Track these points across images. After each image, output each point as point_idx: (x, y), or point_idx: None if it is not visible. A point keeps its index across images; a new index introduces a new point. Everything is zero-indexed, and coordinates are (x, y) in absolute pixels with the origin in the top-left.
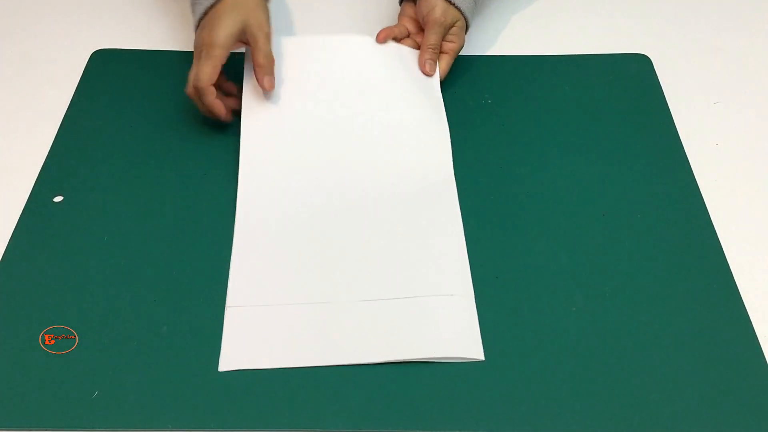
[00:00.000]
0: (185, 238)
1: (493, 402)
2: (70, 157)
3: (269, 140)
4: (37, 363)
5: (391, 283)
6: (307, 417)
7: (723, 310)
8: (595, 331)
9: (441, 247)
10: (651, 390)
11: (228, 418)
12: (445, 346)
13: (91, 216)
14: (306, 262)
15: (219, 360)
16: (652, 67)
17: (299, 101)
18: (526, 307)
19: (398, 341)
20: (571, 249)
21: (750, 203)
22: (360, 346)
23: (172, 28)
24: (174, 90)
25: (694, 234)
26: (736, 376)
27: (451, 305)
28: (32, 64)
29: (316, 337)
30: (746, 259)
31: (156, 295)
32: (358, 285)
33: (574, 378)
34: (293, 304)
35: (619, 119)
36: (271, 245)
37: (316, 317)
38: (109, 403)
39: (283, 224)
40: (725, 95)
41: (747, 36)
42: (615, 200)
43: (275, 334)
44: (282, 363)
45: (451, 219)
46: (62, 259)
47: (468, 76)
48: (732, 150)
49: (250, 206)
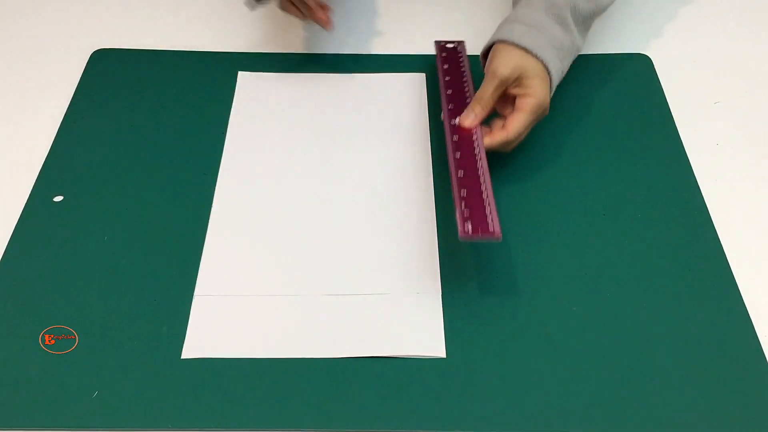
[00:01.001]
0: (185, 239)
1: (493, 402)
2: (70, 157)
3: (251, 138)
4: (37, 363)
5: (360, 279)
6: (309, 417)
7: (723, 310)
8: (595, 331)
9: (412, 245)
10: (651, 390)
11: (228, 418)
12: (408, 344)
13: (91, 216)
14: (277, 255)
15: (182, 348)
16: (653, 67)
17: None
18: (527, 306)
19: (363, 337)
20: (571, 249)
21: (750, 203)
22: (325, 340)
23: (172, 28)
24: (174, 90)
25: (694, 234)
26: (737, 376)
27: (418, 303)
28: (32, 64)
29: (281, 329)
30: (746, 259)
31: (156, 295)
32: (327, 279)
33: (574, 378)
34: (260, 296)
35: (619, 119)
36: (243, 237)
37: (282, 309)
38: (109, 403)
39: (257, 217)
40: (725, 95)
41: (747, 36)
42: (615, 200)
43: (241, 324)
44: (245, 353)
45: (424, 218)
46: (62, 259)
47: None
48: (732, 150)
49: (226, 199)
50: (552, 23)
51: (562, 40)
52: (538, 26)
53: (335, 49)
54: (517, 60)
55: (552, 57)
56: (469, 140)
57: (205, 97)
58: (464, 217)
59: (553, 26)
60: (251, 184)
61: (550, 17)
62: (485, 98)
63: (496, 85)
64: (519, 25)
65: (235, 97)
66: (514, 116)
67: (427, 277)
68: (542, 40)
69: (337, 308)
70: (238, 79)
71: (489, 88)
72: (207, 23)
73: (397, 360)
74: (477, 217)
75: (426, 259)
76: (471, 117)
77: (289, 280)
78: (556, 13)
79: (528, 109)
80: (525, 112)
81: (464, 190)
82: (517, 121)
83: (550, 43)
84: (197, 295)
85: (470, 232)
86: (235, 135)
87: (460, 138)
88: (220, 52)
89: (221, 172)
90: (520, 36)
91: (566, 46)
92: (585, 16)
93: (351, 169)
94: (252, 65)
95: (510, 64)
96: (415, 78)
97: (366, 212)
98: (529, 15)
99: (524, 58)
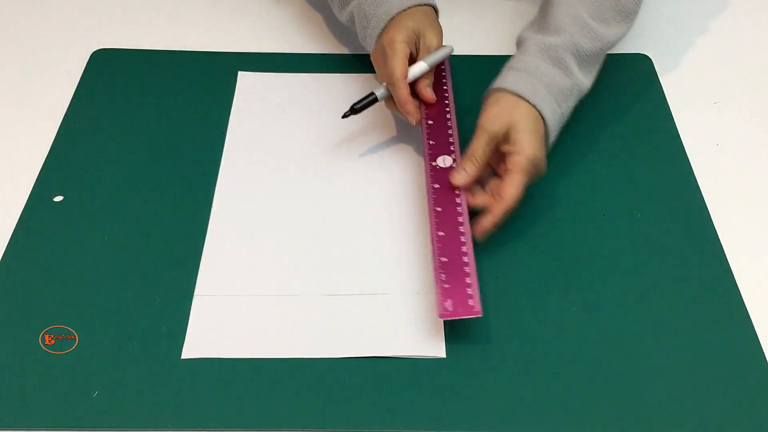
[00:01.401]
0: (185, 238)
1: (492, 402)
2: (70, 157)
3: (251, 138)
4: (37, 363)
5: (359, 279)
6: (309, 417)
7: (723, 310)
8: (594, 331)
9: (412, 245)
10: (651, 390)
11: (229, 418)
12: (408, 345)
13: (91, 216)
14: (277, 255)
15: (182, 348)
16: (653, 67)
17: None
18: (527, 306)
19: (363, 337)
20: (571, 249)
21: (750, 203)
22: (325, 340)
23: (172, 28)
24: (174, 90)
25: (694, 234)
26: (737, 376)
27: (418, 303)
28: (32, 64)
29: (281, 329)
30: (747, 259)
31: (156, 295)
32: (326, 279)
33: (574, 378)
34: (260, 296)
35: (619, 119)
36: (243, 237)
37: (282, 309)
38: (109, 403)
39: (257, 217)
40: (725, 95)
41: (747, 36)
42: (615, 200)
43: (241, 324)
44: (245, 353)
45: (424, 217)
46: (62, 259)
47: (468, 76)
48: (732, 150)
49: (226, 199)
50: (549, 67)
51: (561, 84)
52: (533, 71)
53: (335, 49)
54: (506, 113)
55: (547, 102)
56: (452, 192)
57: (205, 97)
58: (444, 291)
59: (550, 70)
60: (251, 184)
61: (547, 61)
62: (476, 155)
63: (486, 140)
64: (512, 71)
65: (235, 97)
66: (508, 180)
67: (427, 277)
68: (536, 84)
69: (337, 308)
70: (238, 79)
71: (479, 144)
72: (207, 23)
73: (397, 360)
74: (458, 293)
75: (426, 259)
76: (462, 175)
77: (289, 280)
78: (553, 56)
79: (518, 170)
80: (516, 173)
81: (444, 258)
82: (511, 185)
83: (545, 87)
84: (197, 295)
85: (450, 309)
86: (235, 135)
87: (442, 187)
88: (220, 52)
89: (221, 172)
90: (513, 82)
91: (566, 89)
92: (590, 55)
93: (351, 168)
94: (252, 65)
95: (498, 118)
96: None
97: (366, 212)
98: (524, 60)
99: (516, 107)
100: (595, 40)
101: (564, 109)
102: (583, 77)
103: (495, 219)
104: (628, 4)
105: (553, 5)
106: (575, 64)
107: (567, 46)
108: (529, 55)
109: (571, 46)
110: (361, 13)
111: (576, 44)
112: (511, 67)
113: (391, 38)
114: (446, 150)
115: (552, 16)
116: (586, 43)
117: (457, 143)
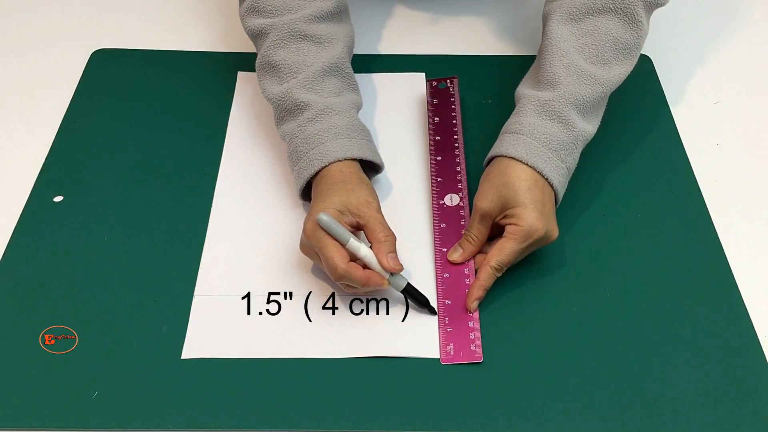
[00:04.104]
0: (185, 239)
1: (492, 402)
2: (70, 157)
3: (251, 138)
4: (37, 363)
5: None
6: (309, 417)
7: (723, 310)
8: (595, 331)
9: (411, 245)
10: (651, 389)
11: (228, 418)
12: (407, 345)
13: (91, 216)
14: (277, 256)
15: (182, 348)
16: (653, 67)
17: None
18: (527, 307)
19: (362, 337)
20: (571, 249)
21: (750, 203)
22: (325, 340)
23: (172, 28)
24: (174, 90)
25: (694, 234)
26: (737, 376)
27: (414, 304)
28: (32, 64)
29: (281, 329)
30: (746, 259)
31: (156, 295)
32: (326, 279)
33: (573, 378)
34: (260, 296)
35: (619, 119)
36: (243, 237)
37: (282, 309)
38: (109, 403)
39: (257, 217)
40: (725, 95)
41: (747, 36)
42: (615, 200)
43: (241, 324)
44: (245, 353)
45: (424, 217)
46: (62, 259)
47: (468, 76)
48: (732, 150)
49: (226, 199)
50: (548, 124)
51: (562, 138)
52: (529, 132)
53: None
54: (495, 187)
55: (548, 160)
56: (458, 234)
57: (205, 97)
58: (447, 335)
59: (549, 127)
60: (251, 184)
61: (544, 118)
62: (471, 234)
63: (479, 219)
64: (508, 135)
65: (235, 97)
66: (497, 245)
67: (426, 278)
68: (533, 145)
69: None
70: (238, 79)
71: (473, 223)
72: (207, 23)
73: (397, 360)
74: (460, 338)
75: (425, 260)
76: (458, 253)
77: (288, 281)
78: (550, 111)
79: (512, 237)
80: (507, 240)
81: (448, 301)
82: (499, 251)
83: (545, 146)
84: (197, 295)
85: (452, 354)
86: (235, 135)
87: (449, 227)
88: (220, 52)
89: (221, 172)
90: (507, 147)
91: (568, 143)
92: (592, 101)
93: None
94: (252, 65)
95: (487, 194)
96: (414, 78)
97: None
98: (519, 122)
99: (506, 173)
100: (595, 85)
101: (570, 162)
102: (587, 124)
103: (482, 283)
104: (629, 41)
105: (546, 56)
106: (576, 114)
107: (564, 99)
108: (525, 116)
109: (569, 98)
110: (293, 144)
111: (573, 95)
112: (507, 130)
113: (312, 230)
114: (454, 188)
115: (545, 69)
116: (584, 90)
117: (464, 180)
